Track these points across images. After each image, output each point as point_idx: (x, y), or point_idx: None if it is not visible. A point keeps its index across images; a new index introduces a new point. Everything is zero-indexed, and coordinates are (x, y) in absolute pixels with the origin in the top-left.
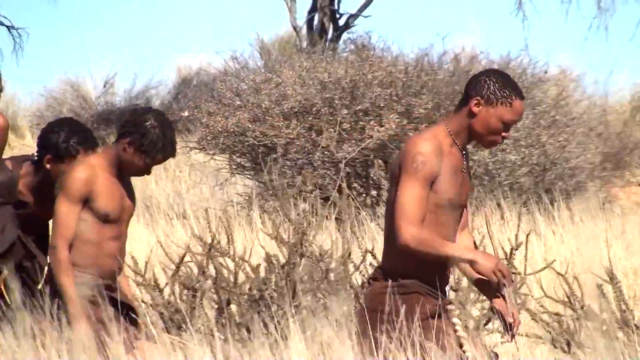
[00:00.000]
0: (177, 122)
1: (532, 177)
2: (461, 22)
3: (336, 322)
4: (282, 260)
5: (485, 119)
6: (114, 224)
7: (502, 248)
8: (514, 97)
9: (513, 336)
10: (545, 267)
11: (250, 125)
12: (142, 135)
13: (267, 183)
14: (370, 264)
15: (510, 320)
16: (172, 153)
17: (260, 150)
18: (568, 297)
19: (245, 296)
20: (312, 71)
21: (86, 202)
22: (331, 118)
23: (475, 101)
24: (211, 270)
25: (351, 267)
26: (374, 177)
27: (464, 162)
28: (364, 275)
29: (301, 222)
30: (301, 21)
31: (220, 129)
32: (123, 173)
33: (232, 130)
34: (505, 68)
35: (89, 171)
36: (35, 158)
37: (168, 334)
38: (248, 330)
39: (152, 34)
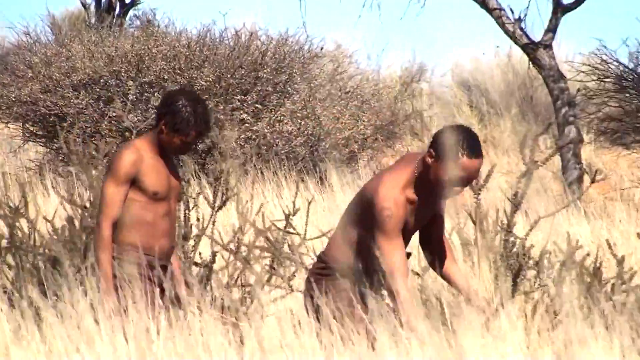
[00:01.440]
0: None
1: (307, 147)
2: (243, 0)
3: (127, 279)
4: (77, 223)
5: (438, 173)
6: (164, 202)
7: (284, 212)
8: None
9: None
10: (324, 234)
11: (41, 96)
12: (174, 115)
13: (59, 150)
14: None
15: None
16: (205, 129)
17: (51, 119)
18: None
19: (40, 256)
20: (100, 45)
21: (134, 183)
22: (118, 89)
23: (429, 154)
24: (5, 231)
25: None
26: None
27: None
28: None
29: (94, 186)
30: None
31: (13, 99)
32: (167, 154)
33: (24, 100)
34: (283, 44)
35: (135, 153)
36: None
37: None
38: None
39: None
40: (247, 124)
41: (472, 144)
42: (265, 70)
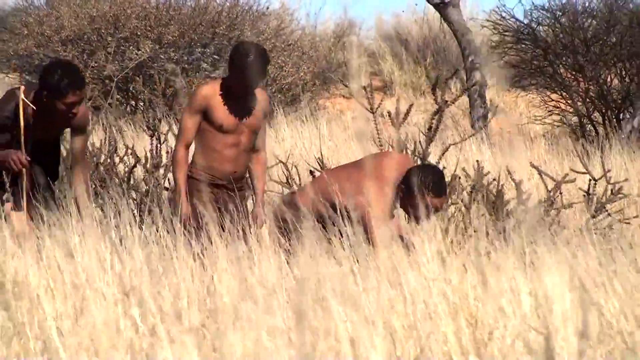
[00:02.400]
0: None
1: None
2: None
3: (113, 200)
4: None
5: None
6: (232, 134)
7: None
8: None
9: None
10: (280, 162)
11: (35, 50)
12: (231, 60)
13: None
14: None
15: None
16: (249, 72)
17: None
18: (287, 178)
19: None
20: (84, 7)
21: (206, 115)
22: (99, 44)
23: (400, 188)
24: None
25: (117, 159)
26: (133, 91)
27: None
28: (126, 165)
29: None
30: None
31: (12, 53)
32: (242, 95)
33: (21, 53)
34: (235, 5)
35: (207, 90)
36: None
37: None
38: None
39: None
40: (206, 72)
41: (437, 184)
42: (221, 27)
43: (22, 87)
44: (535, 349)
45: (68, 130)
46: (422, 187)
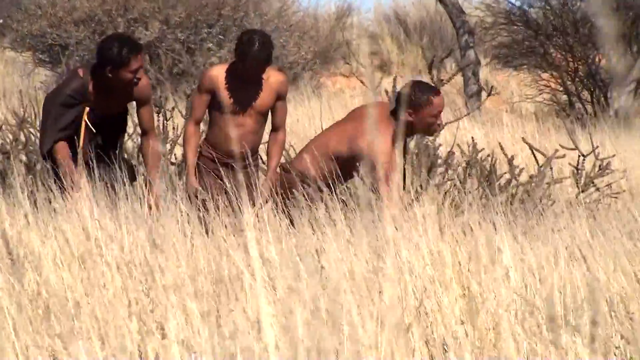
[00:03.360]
0: None
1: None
2: None
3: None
4: None
5: (421, 121)
6: (236, 116)
7: None
8: (432, 97)
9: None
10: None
11: (48, 30)
12: (237, 47)
13: (63, 73)
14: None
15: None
16: (251, 61)
17: (56, 49)
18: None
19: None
20: None
21: (214, 96)
22: (110, 24)
23: (408, 114)
24: (22, 138)
25: (125, 136)
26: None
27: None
28: (135, 142)
29: None
30: None
31: (26, 33)
32: (249, 79)
33: (35, 33)
34: None
35: (215, 71)
36: (97, 68)
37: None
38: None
39: None
40: (212, 51)
41: (428, 87)
42: (226, 9)
43: (81, 70)
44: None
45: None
46: (424, 96)
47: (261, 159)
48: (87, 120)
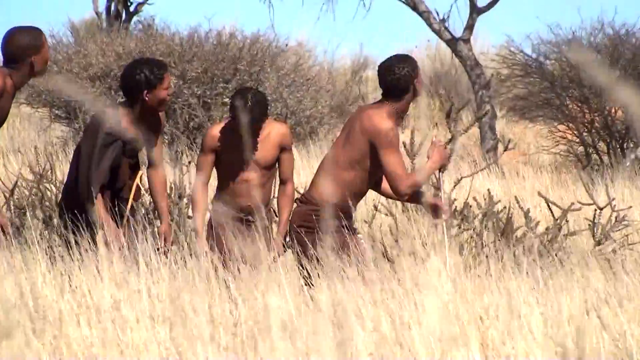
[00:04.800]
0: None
1: None
2: (223, 6)
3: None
4: None
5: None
6: (241, 171)
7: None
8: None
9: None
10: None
11: (64, 86)
12: (230, 105)
13: (80, 129)
14: None
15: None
16: (243, 123)
17: (72, 105)
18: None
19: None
20: (110, 45)
21: (218, 154)
22: None
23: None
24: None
25: (143, 190)
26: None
27: None
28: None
29: None
30: (102, 7)
31: (42, 89)
32: (249, 135)
33: (51, 89)
34: (255, 42)
35: (215, 130)
36: (125, 100)
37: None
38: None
39: None
40: (228, 106)
41: (410, 60)
42: (242, 63)
43: (109, 109)
44: None
45: None
46: (413, 73)
47: (274, 211)
48: (139, 182)
